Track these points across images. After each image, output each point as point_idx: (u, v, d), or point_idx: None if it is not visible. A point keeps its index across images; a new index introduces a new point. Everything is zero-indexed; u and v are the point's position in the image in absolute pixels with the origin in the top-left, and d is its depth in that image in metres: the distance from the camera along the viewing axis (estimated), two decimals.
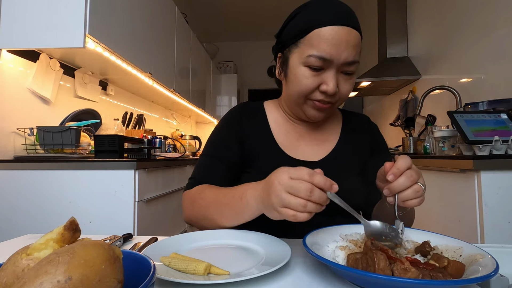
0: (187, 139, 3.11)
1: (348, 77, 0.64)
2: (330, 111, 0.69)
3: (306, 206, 0.42)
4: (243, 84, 5.26)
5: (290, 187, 0.43)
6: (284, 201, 0.43)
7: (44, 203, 1.28)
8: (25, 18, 1.35)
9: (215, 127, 0.78)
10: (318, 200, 0.43)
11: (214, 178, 0.70)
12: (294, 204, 0.43)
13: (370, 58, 3.48)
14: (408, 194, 0.46)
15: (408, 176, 0.46)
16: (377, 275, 0.33)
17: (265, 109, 0.79)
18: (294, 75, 0.65)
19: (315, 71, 0.62)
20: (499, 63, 1.67)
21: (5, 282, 0.25)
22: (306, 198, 0.42)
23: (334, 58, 0.59)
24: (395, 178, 0.46)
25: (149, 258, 0.31)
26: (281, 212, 0.44)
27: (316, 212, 0.44)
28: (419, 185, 0.47)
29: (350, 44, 0.60)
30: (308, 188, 0.42)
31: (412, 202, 0.46)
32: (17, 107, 1.49)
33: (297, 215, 0.43)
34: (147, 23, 2.04)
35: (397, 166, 0.47)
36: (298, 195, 0.43)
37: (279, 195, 0.44)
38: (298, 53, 0.63)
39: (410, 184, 0.46)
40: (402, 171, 0.47)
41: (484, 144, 1.14)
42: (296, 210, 0.43)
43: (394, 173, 0.46)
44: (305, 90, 0.64)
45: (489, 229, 1.01)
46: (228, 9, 4.19)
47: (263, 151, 0.72)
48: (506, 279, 0.36)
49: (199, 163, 0.74)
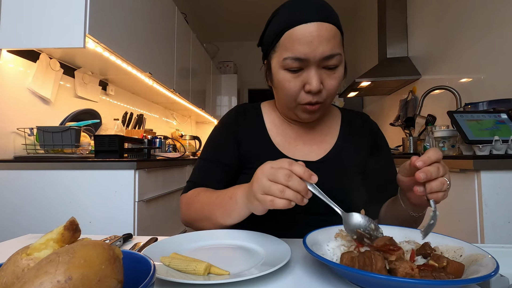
0: (187, 139, 3.10)
1: (332, 71, 0.62)
2: (322, 110, 0.68)
3: (284, 192, 0.44)
4: (243, 84, 5.26)
5: (271, 174, 0.45)
6: (264, 187, 0.45)
7: (44, 203, 1.28)
8: (25, 18, 1.35)
9: (212, 130, 0.79)
10: (296, 187, 0.44)
11: (211, 181, 0.71)
12: (273, 190, 0.44)
13: (370, 58, 3.47)
14: (436, 185, 0.45)
15: (437, 167, 0.46)
16: (377, 275, 0.33)
17: (262, 110, 0.79)
18: (277, 80, 0.65)
19: (295, 73, 0.62)
20: (499, 63, 1.67)
21: (5, 282, 0.25)
22: (284, 183, 0.44)
23: (309, 56, 0.59)
24: (424, 165, 0.46)
25: (149, 258, 0.31)
26: (261, 200, 0.46)
27: (296, 202, 0.44)
28: (445, 179, 0.46)
29: (323, 39, 0.58)
30: (286, 174, 0.44)
31: (438, 195, 0.46)
32: (17, 107, 1.49)
33: (275, 201, 0.44)
34: (147, 23, 2.04)
35: (427, 155, 0.46)
36: (277, 180, 0.44)
37: (260, 182, 0.46)
38: (277, 58, 0.63)
39: (437, 175, 0.46)
40: (432, 161, 0.46)
41: (484, 144, 1.14)
42: (274, 195, 0.44)
43: (424, 160, 0.46)
44: (291, 94, 0.63)
45: (489, 229, 1.01)
46: (228, 9, 4.19)
47: (260, 152, 0.72)
48: (506, 279, 0.36)
49: (196, 167, 0.75)
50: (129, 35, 1.78)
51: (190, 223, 0.67)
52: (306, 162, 0.71)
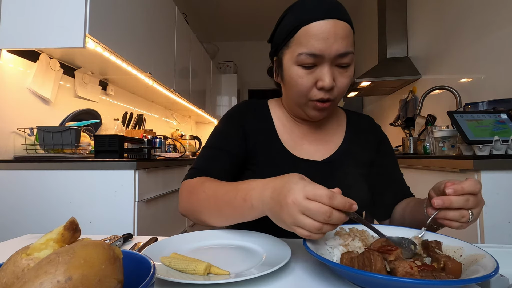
0: (187, 139, 3.11)
1: (344, 70, 0.63)
2: (331, 109, 0.68)
3: (322, 229, 0.40)
4: (243, 84, 5.26)
5: (307, 209, 0.39)
6: (299, 223, 0.40)
7: (44, 203, 1.28)
8: (25, 18, 1.35)
9: (219, 121, 0.77)
10: (336, 222, 0.40)
11: (217, 170, 0.68)
12: (310, 227, 0.40)
13: (370, 58, 3.47)
14: (453, 215, 0.45)
15: (465, 199, 0.44)
16: (377, 275, 0.33)
17: (269, 107, 0.78)
18: (289, 76, 0.65)
19: (308, 69, 0.62)
20: (499, 63, 1.67)
21: (5, 282, 0.25)
22: (324, 222, 0.39)
23: (325, 53, 0.59)
24: (454, 194, 0.44)
25: (149, 258, 0.31)
26: (295, 230, 0.42)
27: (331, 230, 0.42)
28: (467, 212, 0.45)
29: (339, 36, 0.59)
30: (327, 213, 0.39)
31: (450, 223, 0.45)
32: (17, 107, 1.49)
33: (312, 236, 0.41)
34: (147, 23, 2.04)
35: (462, 185, 0.45)
36: (315, 218, 0.39)
37: (293, 216, 0.40)
38: (290, 54, 0.63)
39: (462, 207, 0.44)
40: (464, 192, 0.44)
41: (484, 144, 1.14)
42: (311, 232, 0.40)
43: (455, 189, 0.44)
44: (303, 90, 0.63)
45: (489, 229, 1.01)
46: (228, 9, 4.19)
47: (266, 148, 0.72)
48: (506, 279, 0.36)
49: (201, 154, 0.72)
50: (129, 35, 1.77)
51: (190, 212, 0.62)
52: (312, 161, 0.71)
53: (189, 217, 0.64)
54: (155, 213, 1.54)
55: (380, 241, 0.44)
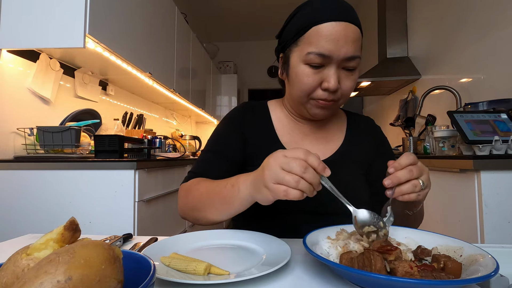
0: (187, 139, 3.10)
1: (350, 73, 0.63)
2: (334, 109, 0.69)
3: (299, 183, 0.42)
4: (243, 84, 5.26)
5: (285, 163, 0.43)
6: (277, 176, 0.43)
7: (44, 203, 1.28)
8: (25, 18, 1.35)
9: (218, 124, 0.78)
10: (311, 179, 0.43)
11: (215, 173, 0.68)
12: (287, 180, 0.43)
13: (370, 58, 3.47)
14: (406, 188, 0.47)
15: (408, 170, 0.47)
16: (377, 275, 0.33)
17: (269, 108, 0.78)
18: (295, 74, 0.65)
19: (315, 69, 0.62)
20: (499, 63, 1.67)
21: (5, 282, 0.25)
22: (300, 174, 0.43)
23: (333, 54, 0.59)
24: (395, 171, 0.47)
25: (149, 258, 0.31)
26: (273, 189, 0.44)
27: (307, 194, 0.44)
28: (417, 181, 0.47)
29: (349, 39, 0.59)
30: (302, 165, 0.43)
31: (408, 197, 0.47)
32: (17, 107, 1.49)
33: (289, 191, 0.43)
34: (147, 23, 2.04)
35: (399, 161, 0.48)
36: (291, 171, 0.43)
37: (273, 170, 0.44)
38: (298, 52, 0.63)
39: (409, 178, 0.47)
40: (403, 166, 0.47)
41: (484, 144, 1.14)
42: (289, 185, 0.43)
43: (394, 167, 0.47)
44: (307, 89, 0.63)
45: (489, 229, 1.01)
46: (228, 9, 4.19)
47: (266, 150, 0.71)
48: (506, 279, 0.36)
49: (200, 158, 0.73)
50: (129, 35, 1.77)
51: (188, 213, 0.64)
52: None
53: (188, 218, 0.65)
54: (155, 213, 1.54)
55: (379, 242, 0.44)
